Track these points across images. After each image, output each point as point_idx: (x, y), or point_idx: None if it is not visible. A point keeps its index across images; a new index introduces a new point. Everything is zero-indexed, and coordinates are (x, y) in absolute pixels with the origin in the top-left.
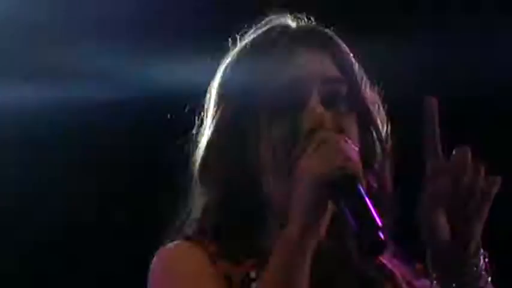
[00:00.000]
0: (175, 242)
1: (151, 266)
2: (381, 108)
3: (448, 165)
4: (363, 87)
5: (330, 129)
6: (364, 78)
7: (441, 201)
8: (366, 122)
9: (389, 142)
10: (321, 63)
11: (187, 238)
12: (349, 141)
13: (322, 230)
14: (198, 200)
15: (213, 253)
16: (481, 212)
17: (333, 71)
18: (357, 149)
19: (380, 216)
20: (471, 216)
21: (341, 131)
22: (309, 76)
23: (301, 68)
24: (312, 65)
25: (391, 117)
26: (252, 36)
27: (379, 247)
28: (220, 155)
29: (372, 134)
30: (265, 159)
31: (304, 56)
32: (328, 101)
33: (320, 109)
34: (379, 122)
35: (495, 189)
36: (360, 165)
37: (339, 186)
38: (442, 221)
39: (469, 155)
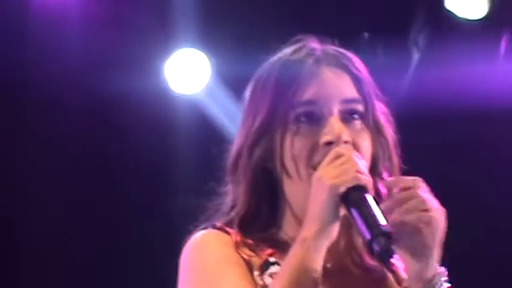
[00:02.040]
0: (205, 230)
1: (183, 250)
2: (391, 120)
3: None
4: (377, 105)
5: (347, 142)
6: (377, 94)
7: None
8: (378, 137)
9: (398, 152)
10: (342, 82)
11: (215, 227)
12: (360, 157)
13: (335, 232)
14: (227, 196)
15: (238, 242)
16: (429, 244)
17: (351, 91)
18: (366, 164)
19: (389, 223)
20: (421, 249)
21: (356, 144)
22: (330, 94)
23: (324, 86)
24: (333, 84)
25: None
26: (282, 54)
27: (388, 254)
28: (248, 158)
29: (383, 147)
30: (288, 165)
31: (326, 75)
32: (346, 118)
33: (338, 124)
34: (389, 136)
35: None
36: (369, 178)
37: (351, 196)
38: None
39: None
